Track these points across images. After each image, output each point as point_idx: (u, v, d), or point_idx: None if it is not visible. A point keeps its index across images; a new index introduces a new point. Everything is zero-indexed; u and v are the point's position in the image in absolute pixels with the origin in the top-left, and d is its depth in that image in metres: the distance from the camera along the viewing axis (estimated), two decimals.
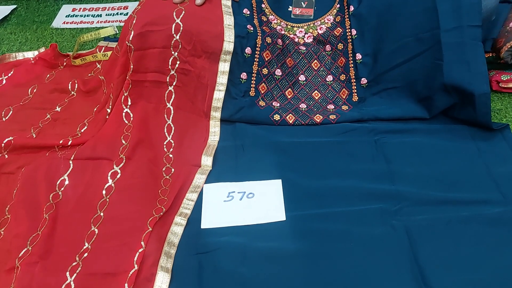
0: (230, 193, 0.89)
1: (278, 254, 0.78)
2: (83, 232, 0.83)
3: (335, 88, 1.08)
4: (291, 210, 0.85)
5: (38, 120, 1.09)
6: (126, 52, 1.02)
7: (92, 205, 0.88)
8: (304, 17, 1.13)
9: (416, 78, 1.01)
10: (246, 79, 1.05)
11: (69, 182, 0.92)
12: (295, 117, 1.03)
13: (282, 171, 0.92)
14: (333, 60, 1.09)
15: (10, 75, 1.25)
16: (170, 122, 1.03)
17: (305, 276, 0.75)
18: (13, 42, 1.42)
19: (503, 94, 1.06)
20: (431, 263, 0.76)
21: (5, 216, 0.88)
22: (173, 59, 1.02)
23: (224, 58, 1.02)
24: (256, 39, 1.05)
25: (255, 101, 1.05)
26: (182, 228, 0.84)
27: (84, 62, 1.29)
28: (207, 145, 0.99)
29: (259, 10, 1.12)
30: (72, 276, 0.76)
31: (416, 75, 1.01)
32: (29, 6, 1.59)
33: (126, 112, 1.03)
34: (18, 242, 0.82)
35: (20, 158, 0.99)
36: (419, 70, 1.00)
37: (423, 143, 0.96)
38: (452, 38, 0.96)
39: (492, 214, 0.82)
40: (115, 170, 0.94)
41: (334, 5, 1.12)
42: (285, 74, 1.09)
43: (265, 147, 0.97)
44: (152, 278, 0.76)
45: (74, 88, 1.18)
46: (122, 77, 1.04)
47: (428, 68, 0.99)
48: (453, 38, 0.96)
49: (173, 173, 0.94)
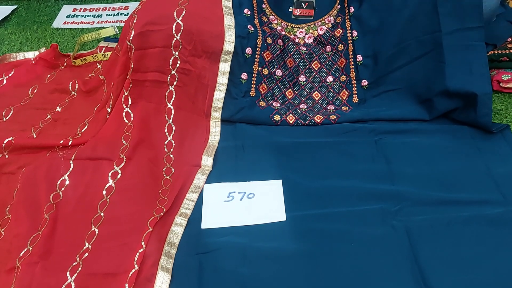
0: (230, 193, 0.89)
1: (278, 254, 0.78)
2: (84, 232, 0.84)
3: (335, 89, 1.08)
4: (292, 211, 0.85)
5: (38, 120, 1.09)
6: (126, 51, 1.02)
7: (93, 205, 0.88)
8: (304, 18, 1.13)
9: (417, 81, 1.01)
10: (247, 80, 1.05)
11: (69, 182, 0.92)
12: (296, 117, 1.03)
13: (283, 171, 0.92)
14: (333, 60, 1.09)
15: (10, 75, 1.25)
16: (170, 122, 1.02)
17: (305, 276, 0.75)
18: (14, 42, 1.42)
19: (504, 94, 1.06)
20: (431, 263, 0.75)
21: (5, 216, 0.88)
22: (174, 59, 1.02)
23: (224, 58, 1.02)
24: (257, 40, 1.05)
25: (256, 101, 1.05)
26: (182, 228, 0.84)
27: (85, 62, 1.29)
28: (208, 145, 0.99)
29: (260, 10, 1.12)
30: (72, 276, 0.76)
31: (417, 77, 1.01)
32: (29, 7, 1.60)
33: (126, 112, 1.03)
34: (18, 242, 0.82)
35: (21, 158, 0.99)
36: (420, 73, 1.01)
37: (423, 144, 0.96)
38: (454, 41, 0.96)
39: (492, 214, 0.82)
40: (115, 170, 0.94)
41: (334, 6, 1.12)
42: (285, 75, 1.09)
43: (265, 148, 0.97)
44: (152, 278, 0.76)
45: (74, 88, 1.18)
46: (123, 77, 1.04)
47: (429, 71, 0.99)
48: (455, 41, 0.96)
49: (173, 173, 0.94)
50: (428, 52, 0.99)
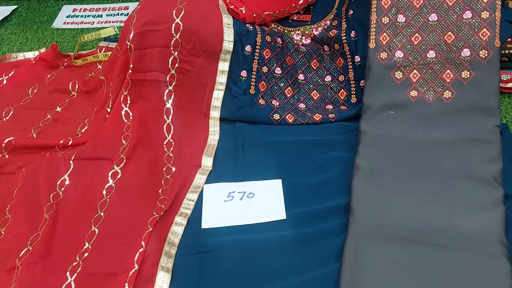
0: (230, 193, 0.89)
1: (278, 253, 0.78)
2: (84, 232, 0.84)
3: (334, 89, 1.08)
4: (292, 209, 0.85)
5: (38, 120, 1.09)
6: (126, 51, 1.02)
7: (93, 205, 0.88)
8: (301, 23, 1.13)
9: None
10: (246, 77, 1.05)
11: (69, 182, 0.92)
12: (295, 116, 1.03)
13: (282, 170, 0.92)
14: (331, 60, 1.09)
15: (10, 75, 1.26)
16: (169, 122, 1.02)
17: (305, 276, 0.75)
18: (14, 42, 1.43)
19: (503, 94, 1.05)
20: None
21: (5, 216, 0.88)
22: (173, 59, 1.02)
23: (223, 58, 1.01)
24: (256, 38, 1.05)
25: (255, 99, 1.05)
26: (182, 228, 0.84)
27: (85, 63, 1.29)
28: (207, 144, 0.99)
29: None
30: (72, 276, 0.76)
31: None
32: (29, 7, 1.60)
33: (125, 111, 1.03)
34: (18, 242, 0.82)
35: (21, 158, 0.99)
36: None
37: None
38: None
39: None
40: (115, 170, 0.94)
41: (331, 10, 1.12)
42: (284, 73, 1.09)
43: (264, 147, 0.97)
44: (152, 278, 0.76)
45: (74, 88, 1.18)
46: (122, 76, 1.04)
47: None
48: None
49: (173, 173, 0.94)
50: None
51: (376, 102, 0.93)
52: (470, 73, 0.90)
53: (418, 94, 0.92)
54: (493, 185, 0.78)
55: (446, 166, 0.82)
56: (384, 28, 0.95)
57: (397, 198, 0.79)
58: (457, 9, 0.91)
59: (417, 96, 0.92)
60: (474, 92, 0.89)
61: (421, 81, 0.92)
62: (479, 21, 0.90)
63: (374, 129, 0.90)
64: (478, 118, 0.86)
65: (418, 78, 0.93)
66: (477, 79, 0.89)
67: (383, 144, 0.87)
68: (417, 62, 0.93)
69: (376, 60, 0.95)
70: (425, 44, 0.93)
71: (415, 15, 0.94)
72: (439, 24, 0.92)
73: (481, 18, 0.90)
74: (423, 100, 0.91)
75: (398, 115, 0.90)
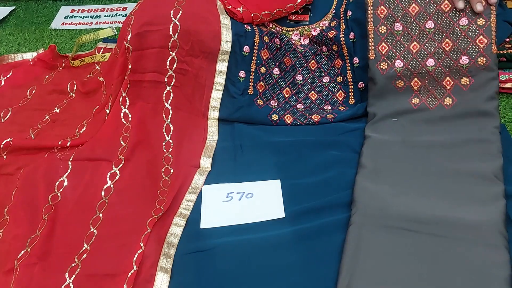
0: (229, 194, 0.89)
1: (278, 252, 0.78)
2: (82, 233, 0.83)
3: (332, 90, 1.08)
4: (290, 207, 0.85)
5: (37, 121, 1.09)
6: (124, 52, 1.02)
7: (91, 206, 0.88)
8: (300, 23, 1.13)
9: None
10: (245, 78, 1.05)
11: (68, 183, 0.92)
12: (293, 117, 1.03)
13: (281, 171, 0.92)
14: (329, 61, 1.09)
15: (8, 76, 1.26)
16: (168, 122, 1.02)
17: (305, 274, 0.75)
18: (12, 43, 1.43)
19: (501, 94, 1.05)
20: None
21: (4, 217, 0.88)
22: (171, 59, 1.02)
23: (221, 58, 1.02)
24: (254, 38, 1.05)
25: (254, 100, 1.05)
26: (181, 229, 0.83)
27: (83, 63, 1.29)
28: (206, 145, 0.99)
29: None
30: (71, 277, 0.76)
31: None
32: (27, 7, 1.60)
33: (124, 113, 1.03)
34: (17, 243, 0.82)
35: (19, 159, 0.99)
36: None
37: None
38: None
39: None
40: (114, 171, 0.94)
41: (330, 11, 1.12)
42: (283, 73, 1.09)
43: (263, 148, 0.97)
44: (151, 279, 0.76)
45: (73, 89, 1.18)
46: (121, 78, 1.04)
47: None
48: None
49: (172, 174, 0.94)
50: None
51: (381, 112, 0.95)
52: (470, 80, 0.91)
53: (420, 101, 0.93)
54: (494, 181, 0.79)
55: (447, 165, 0.84)
56: (382, 38, 0.95)
57: (399, 192, 0.81)
58: (453, 15, 0.92)
59: (419, 103, 0.93)
60: (474, 97, 0.90)
61: (422, 88, 0.94)
62: (476, 27, 0.91)
63: (378, 135, 0.92)
64: (478, 121, 0.88)
65: (419, 86, 0.94)
66: (476, 84, 0.91)
67: (386, 147, 0.89)
68: (417, 71, 0.94)
69: (377, 71, 0.96)
70: (423, 52, 0.93)
71: (412, 23, 0.94)
72: (436, 31, 0.93)
73: (477, 25, 0.90)
74: (425, 106, 0.93)
75: (401, 122, 0.93)
